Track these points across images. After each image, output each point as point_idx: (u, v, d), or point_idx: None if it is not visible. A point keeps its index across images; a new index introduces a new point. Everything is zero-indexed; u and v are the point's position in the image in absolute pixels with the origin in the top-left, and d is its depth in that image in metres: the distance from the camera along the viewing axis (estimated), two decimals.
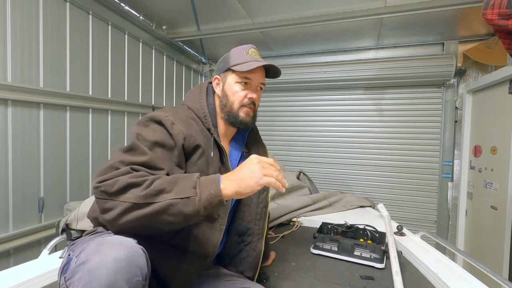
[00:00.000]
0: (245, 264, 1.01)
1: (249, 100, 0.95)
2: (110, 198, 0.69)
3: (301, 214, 1.98)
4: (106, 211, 0.70)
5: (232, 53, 0.98)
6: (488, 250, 2.22)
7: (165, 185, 0.68)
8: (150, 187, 0.68)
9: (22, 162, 1.61)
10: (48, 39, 1.71)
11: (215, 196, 0.68)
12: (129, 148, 0.78)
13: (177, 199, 0.66)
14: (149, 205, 0.66)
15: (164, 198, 0.67)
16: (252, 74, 0.94)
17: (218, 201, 0.69)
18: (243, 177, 0.70)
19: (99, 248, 0.58)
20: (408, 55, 2.89)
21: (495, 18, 1.04)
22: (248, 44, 0.98)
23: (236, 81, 0.95)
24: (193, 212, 0.67)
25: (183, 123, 0.85)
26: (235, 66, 0.93)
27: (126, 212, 0.67)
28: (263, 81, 0.98)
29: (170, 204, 0.66)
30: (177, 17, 2.52)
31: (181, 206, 0.66)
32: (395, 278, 1.11)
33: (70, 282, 0.56)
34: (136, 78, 2.47)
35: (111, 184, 0.68)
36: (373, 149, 3.04)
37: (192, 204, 0.66)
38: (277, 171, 0.73)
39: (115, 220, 0.69)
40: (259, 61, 0.94)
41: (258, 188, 0.70)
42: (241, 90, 0.94)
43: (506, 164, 2.00)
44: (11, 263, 1.61)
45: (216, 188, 0.69)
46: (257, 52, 0.98)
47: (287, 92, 3.34)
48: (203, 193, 0.68)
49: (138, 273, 0.58)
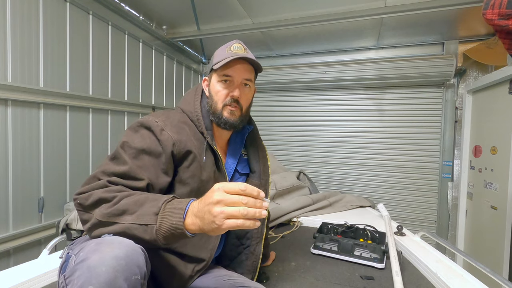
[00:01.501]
0: (244, 267, 1.01)
1: (231, 99, 0.90)
2: (84, 210, 0.71)
3: (301, 214, 1.98)
4: (83, 222, 0.71)
5: (216, 51, 0.95)
6: (488, 250, 2.22)
7: (130, 206, 0.67)
8: (116, 205, 0.67)
9: (22, 162, 1.61)
10: (48, 39, 1.71)
11: (176, 228, 0.63)
12: (113, 157, 0.79)
13: (136, 225, 0.64)
14: (112, 224, 0.66)
15: (125, 220, 0.65)
16: (232, 71, 0.89)
17: (180, 233, 0.63)
18: (204, 218, 0.61)
19: (98, 247, 0.58)
20: (408, 55, 2.89)
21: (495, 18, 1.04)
22: (234, 40, 0.94)
23: (218, 80, 0.92)
24: (151, 240, 0.64)
25: (173, 129, 0.83)
26: (214, 64, 0.91)
27: (94, 228, 0.69)
28: (248, 77, 0.92)
29: (128, 228, 0.65)
30: (177, 17, 2.52)
31: (138, 232, 0.64)
32: (395, 278, 1.11)
33: (70, 280, 0.56)
34: (136, 78, 2.47)
35: (86, 198, 0.70)
36: (373, 149, 3.03)
37: (150, 233, 0.64)
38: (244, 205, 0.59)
39: (88, 232, 0.70)
40: (237, 55, 0.88)
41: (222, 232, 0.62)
42: (223, 88, 0.91)
43: (506, 164, 2.00)
44: (11, 263, 1.61)
45: (178, 219, 0.63)
46: (242, 47, 0.92)
47: (287, 92, 3.34)
48: (164, 222, 0.63)
49: (137, 272, 0.58)
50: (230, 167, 1.01)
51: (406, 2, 2.11)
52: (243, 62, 0.91)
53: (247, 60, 0.91)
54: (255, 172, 1.05)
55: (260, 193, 0.62)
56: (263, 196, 0.62)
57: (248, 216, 0.59)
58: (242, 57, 0.88)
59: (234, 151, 1.03)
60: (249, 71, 0.93)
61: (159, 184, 0.80)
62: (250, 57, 0.90)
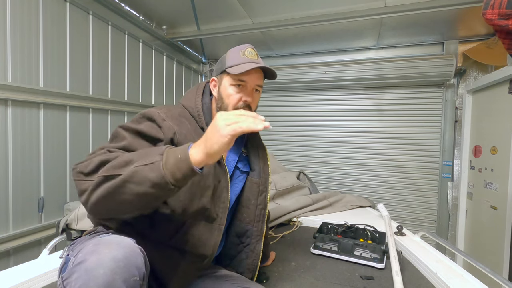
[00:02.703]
0: (244, 265, 1.01)
1: (243, 104, 0.92)
2: (85, 178, 0.68)
3: (301, 214, 1.98)
4: (82, 192, 0.68)
5: (228, 53, 0.96)
6: (488, 250, 2.22)
7: (133, 156, 0.66)
8: (119, 159, 0.66)
9: (22, 162, 1.61)
10: (48, 39, 1.71)
11: (182, 161, 0.62)
12: (111, 137, 0.80)
13: (141, 166, 0.62)
14: (116, 176, 0.63)
15: (131, 167, 0.63)
16: (247, 76, 0.91)
17: (187, 167, 0.62)
18: (207, 136, 0.64)
19: (97, 248, 0.58)
20: (408, 55, 2.89)
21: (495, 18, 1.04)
22: (246, 44, 0.96)
23: (231, 83, 0.92)
24: (158, 178, 0.61)
25: (174, 121, 0.84)
26: (229, 68, 0.91)
27: (96, 187, 0.65)
28: (260, 83, 0.95)
29: (135, 171, 0.62)
30: (177, 17, 2.52)
31: (145, 172, 0.62)
32: (395, 278, 1.11)
33: (68, 282, 0.56)
34: (136, 78, 2.47)
35: (86, 165, 0.69)
36: (373, 149, 3.03)
37: (157, 169, 0.61)
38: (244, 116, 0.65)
39: (88, 198, 0.66)
40: (254, 62, 0.91)
41: (225, 140, 0.62)
42: (236, 93, 0.92)
43: (506, 164, 2.00)
44: (11, 263, 1.61)
45: (183, 152, 0.63)
46: (254, 52, 0.95)
47: (287, 92, 3.34)
48: (170, 158, 0.63)
49: (135, 273, 0.58)
50: (231, 164, 1.01)
51: (406, 2, 2.12)
52: (258, 69, 0.92)
53: (264, 70, 0.93)
54: (255, 171, 1.05)
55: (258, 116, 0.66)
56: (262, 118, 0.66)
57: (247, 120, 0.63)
58: (260, 67, 0.90)
59: (235, 149, 1.04)
60: (261, 78, 0.96)
61: None
62: (266, 65, 0.92)
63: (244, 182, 1.05)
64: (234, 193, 1.02)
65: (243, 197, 1.04)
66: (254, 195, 1.03)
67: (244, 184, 1.05)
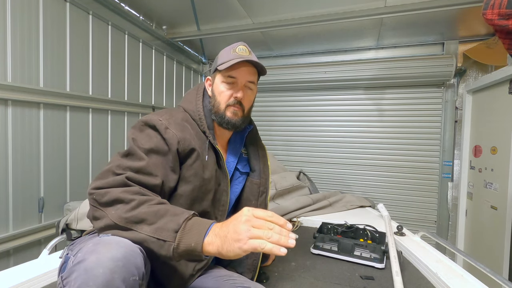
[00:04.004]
0: (244, 265, 1.01)
1: (234, 100, 0.91)
2: (99, 207, 0.69)
3: (301, 214, 1.98)
4: (95, 218, 0.70)
5: (220, 52, 0.96)
6: (488, 250, 2.21)
7: (149, 215, 0.65)
8: (134, 211, 0.66)
9: (22, 162, 1.61)
10: (48, 39, 1.71)
11: (193, 250, 0.62)
12: (127, 153, 0.79)
13: (153, 238, 0.63)
14: (128, 230, 0.65)
15: (143, 230, 0.64)
16: (236, 72, 0.91)
17: (196, 256, 0.64)
18: (227, 237, 0.62)
19: (96, 248, 0.58)
20: (408, 55, 2.89)
21: (495, 18, 1.04)
22: (238, 42, 0.96)
23: (222, 80, 0.93)
24: (166, 256, 0.64)
25: (177, 127, 0.84)
26: (219, 65, 0.91)
27: (108, 228, 0.67)
28: (251, 79, 0.94)
29: (145, 239, 0.64)
30: (177, 17, 2.52)
31: (155, 246, 0.63)
32: (395, 278, 1.11)
33: (67, 282, 0.56)
34: (136, 78, 2.46)
35: (102, 194, 0.68)
36: (373, 149, 3.03)
37: (166, 249, 0.63)
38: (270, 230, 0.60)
39: (100, 230, 0.69)
40: (243, 57, 0.90)
41: (243, 254, 0.61)
42: (227, 89, 0.92)
43: (506, 164, 2.00)
44: (11, 263, 1.61)
45: (198, 240, 0.62)
46: (246, 49, 0.94)
47: (287, 92, 3.34)
48: (182, 242, 0.62)
49: (135, 273, 0.58)
50: (231, 165, 1.01)
51: (406, 2, 2.11)
52: (248, 64, 0.92)
53: (252, 63, 0.92)
54: (255, 171, 1.05)
55: (286, 224, 0.62)
56: (290, 228, 0.62)
57: (272, 240, 0.59)
58: (247, 60, 0.89)
59: (235, 150, 1.03)
60: (253, 74, 0.95)
61: (169, 182, 0.81)
62: (251, 59, 0.90)
63: (244, 183, 1.05)
64: (233, 194, 1.02)
65: (243, 197, 1.04)
66: (254, 196, 1.03)
67: (244, 185, 1.05)
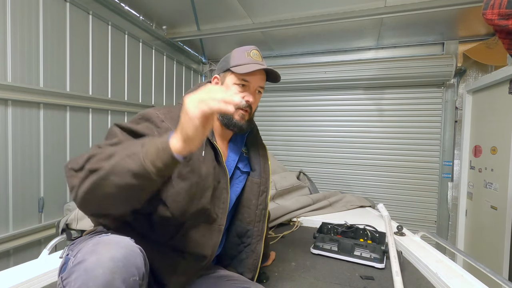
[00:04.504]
0: (245, 265, 1.01)
1: (246, 103, 0.92)
2: (75, 174, 0.68)
3: (301, 214, 1.98)
4: (72, 188, 0.68)
5: (233, 53, 0.97)
6: (488, 250, 2.22)
7: (116, 148, 0.66)
8: (103, 152, 0.66)
9: (22, 162, 1.61)
10: (48, 39, 1.71)
11: (162, 149, 0.61)
12: (106, 136, 0.80)
13: (123, 157, 0.62)
14: (99, 169, 0.63)
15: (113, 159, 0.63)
16: (251, 77, 0.92)
17: (167, 155, 0.61)
18: (181, 122, 0.61)
19: (96, 248, 0.58)
20: (408, 55, 2.89)
21: (495, 18, 1.04)
22: (250, 46, 0.97)
23: (235, 82, 0.93)
24: (139, 168, 0.60)
25: (173, 122, 0.83)
26: (234, 67, 0.92)
27: (82, 181, 0.65)
28: (262, 85, 0.97)
29: (116, 162, 0.62)
30: (177, 17, 2.52)
31: (126, 163, 0.61)
32: (395, 278, 1.11)
33: (67, 282, 0.56)
34: (136, 78, 2.46)
35: (76, 161, 0.68)
36: (373, 149, 3.03)
37: (137, 159, 0.60)
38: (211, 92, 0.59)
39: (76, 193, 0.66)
40: (259, 63, 0.93)
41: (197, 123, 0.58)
42: (239, 92, 0.93)
43: (506, 164, 2.00)
44: (11, 263, 1.61)
45: (163, 142, 0.61)
46: (259, 54, 0.97)
47: (287, 92, 3.34)
48: (150, 148, 0.61)
49: (135, 273, 0.58)
50: (231, 164, 1.01)
51: (406, 2, 2.11)
52: (262, 71, 0.94)
53: (267, 71, 0.95)
54: (256, 171, 1.05)
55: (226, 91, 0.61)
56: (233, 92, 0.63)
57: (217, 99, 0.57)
58: (265, 69, 0.92)
59: (235, 149, 1.03)
60: (264, 80, 0.97)
61: None
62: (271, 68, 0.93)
63: (244, 182, 1.05)
64: (234, 193, 1.02)
65: (243, 197, 1.04)
66: (254, 195, 1.03)
67: (244, 184, 1.05)
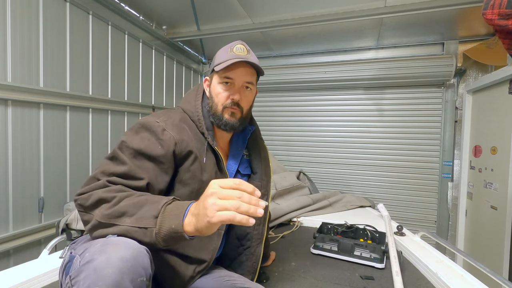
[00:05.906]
0: (244, 267, 1.01)
1: (231, 102, 0.89)
2: (85, 211, 0.70)
3: (301, 214, 1.98)
4: (84, 222, 0.71)
5: (218, 52, 0.94)
6: (488, 250, 2.22)
7: (129, 207, 0.66)
8: (116, 207, 0.67)
9: (22, 162, 1.61)
10: (48, 39, 1.71)
11: (175, 233, 0.63)
12: (111, 157, 0.78)
13: (135, 228, 0.64)
14: (111, 226, 0.66)
15: (124, 222, 0.65)
16: (234, 73, 0.88)
17: (179, 237, 0.63)
18: (199, 213, 0.61)
19: (104, 248, 0.58)
20: (408, 55, 2.89)
21: (495, 18, 1.04)
22: (236, 41, 0.92)
23: (218, 81, 0.90)
24: (151, 243, 0.64)
25: (175, 128, 0.83)
26: (216, 66, 0.90)
27: (95, 229, 0.68)
28: (249, 80, 0.91)
29: (127, 230, 0.64)
30: (177, 17, 2.52)
31: (138, 235, 0.64)
32: (395, 278, 1.11)
33: (76, 281, 0.56)
34: (136, 78, 2.46)
35: (86, 198, 0.70)
36: (373, 149, 3.03)
37: (150, 236, 0.63)
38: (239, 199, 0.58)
39: (90, 232, 0.70)
40: (239, 57, 0.86)
41: (214, 227, 0.60)
42: (224, 91, 0.90)
43: (506, 164, 2.00)
44: (11, 263, 1.61)
45: (178, 222, 0.62)
46: (244, 48, 0.90)
47: (287, 92, 3.34)
48: (163, 226, 0.63)
49: (142, 273, 0.58)
50: (232, 168, 1.00)
51: (406, 2, 2.12)
52: (245, 65, 0.89)
53: (248, 63, 0.89)
54: (257, 173, 1.05)
55: (255, 191, 0.61)
56: (259, 195, 0.61)
57: (240, 210, 0.57)
58: (243, 60, 0.87)
59: (236, 152, 1.02)
60: (251, 74, 0.92)
61: (158, 184, 0.80)
62: (252, 60, 0.88)
63: None
64: None
65: None
66: None
67: None
